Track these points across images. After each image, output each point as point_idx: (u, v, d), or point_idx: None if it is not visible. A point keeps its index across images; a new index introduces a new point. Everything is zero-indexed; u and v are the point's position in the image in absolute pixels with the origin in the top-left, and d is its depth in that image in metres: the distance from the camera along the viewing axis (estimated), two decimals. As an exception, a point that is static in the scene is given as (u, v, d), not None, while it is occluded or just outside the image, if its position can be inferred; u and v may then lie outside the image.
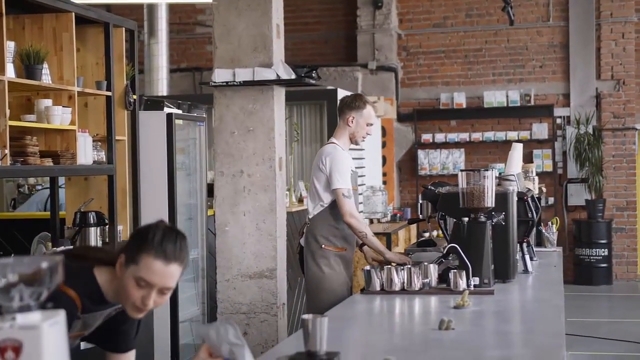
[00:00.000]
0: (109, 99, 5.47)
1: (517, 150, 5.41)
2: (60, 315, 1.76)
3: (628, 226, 12.19)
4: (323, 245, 5.03)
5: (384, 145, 11.99)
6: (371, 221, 9.93)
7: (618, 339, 8.35)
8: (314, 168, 5.11)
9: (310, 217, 5.14)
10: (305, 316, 2.63)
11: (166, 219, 6.09)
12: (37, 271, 1.73)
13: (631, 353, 7.93)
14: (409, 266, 4.21)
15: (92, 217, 5.29)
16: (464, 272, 4.09)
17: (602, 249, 11.80)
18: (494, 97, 12.32)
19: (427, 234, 9.96)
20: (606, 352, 7.96)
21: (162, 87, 10.73)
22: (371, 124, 5.14)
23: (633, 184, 12.20)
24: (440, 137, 12.45)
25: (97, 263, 2.65)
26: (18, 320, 1.70)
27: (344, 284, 5.06)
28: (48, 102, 4.91)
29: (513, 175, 5.00)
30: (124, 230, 5.70)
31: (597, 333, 8.69)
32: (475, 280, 4.14)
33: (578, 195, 12.16)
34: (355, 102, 5.13)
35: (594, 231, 11.82)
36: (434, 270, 4.21)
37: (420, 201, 5.08)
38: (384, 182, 11.81)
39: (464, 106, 12.43)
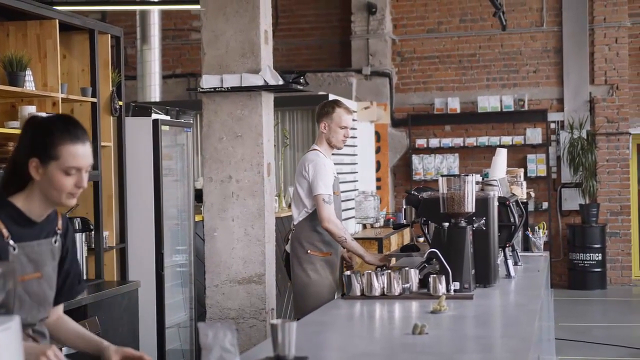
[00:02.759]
0: (94, 105, 5.49)
1: (501, 156, 5.42)
2: (15, 321, 1.77)
3: (622, 231, 12.19)
4: (309, 251, 5.10)
5: (378, 150, 12.02)
6: (364, 226, 9.94)
7: (610, 344, 8.35)
8: (297, 175, 5.19)
9: (295, 223, 5.21)
10: (274, 321, 2.65)
11: (153, 224, 6.13)
12: (-11, 277, 1.74)
13: (623, 357, 7.93)
14: (389, 271, 4.22)
15: (77, 223, 5.30)
16: (444, 277, 4.10)
17: (596, 254, 11.80)
18: (488, 102, 12.34)
19: (422, 239, 9.96)
20: (598, 357, 7.96)
21: (154, 93, 10.75)
22: (345, 127, 5.18)
23: (627, 188, 12.21)
24: (434, 142, 12.47)
25: (7, 195, 2.65)
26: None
27: (330, 288, 5.12)
28: (32, 108, 4.93)
29: (495, 180, 5.01)
30: (109, 236, 5.71)
31: (590, 338, 8.69)
32: (456, 285, 4.14)
33: (572, 200, 12.16)
34: (324, 108, 5.23)
35: (588, 236, 11.82)
36: (414, 275, 4.21)
37: (404, 206, 5.10)
38: (379, 187, 11.83)
39: (458, 111, 12.45)
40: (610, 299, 11.40)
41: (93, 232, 5.47)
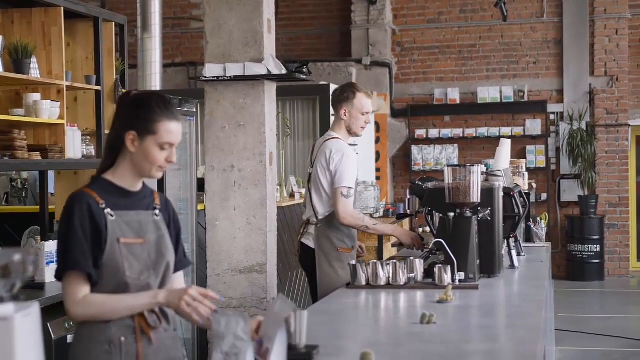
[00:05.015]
0: (98, 93, 5.48)
1: (505, 146, 5.43)
2: (35, 307, 1.77)
3: (620, 222, 12.22)
4: (339, 248, 4.97)
5: (377, 140, 12.02)
6: (364, 216, 9.95)
7: (608, 335, 8.38)
8: (319, 166, 4.99)
9: (320, 217, 5.01)
10: (285, 310, 2.65)
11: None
12: (9, 263, 1.75)
13: (621, 348, 7.96)
14: (396, 261, 4.22)
15: (81, 211, 5.28)
16: (449, 267, 4.11)
17: (595, 245, 11.83)
18: (488, 93, 12.34)
19: (421, 230, 9.98)
20: (596, 348, 7.99)
21: (155, 82, 10.66)
22: (366, 112, 5.02)
23: (626, 180, 12.23)
24: (434, 132, 12.48)
25: (101, 173, 2.82)
26: (-10, 311, 1.72)
27: None
28: (36, 96, 4.92)
29: (500, 170, 5.02)
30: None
31: (588, 329, 8.72)
32: (461, 275, 4.15)
33: (571, 191, 12.19)
34: (344, 93, 5.04)
35: (586, 227, 11.85)
36: (419, 265, 4.22)
37: (408, 196, 5.09)
38: (378, 178, 11.84)
39: (458, 102, 12.46)
40: (608, 290, 11.44)
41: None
